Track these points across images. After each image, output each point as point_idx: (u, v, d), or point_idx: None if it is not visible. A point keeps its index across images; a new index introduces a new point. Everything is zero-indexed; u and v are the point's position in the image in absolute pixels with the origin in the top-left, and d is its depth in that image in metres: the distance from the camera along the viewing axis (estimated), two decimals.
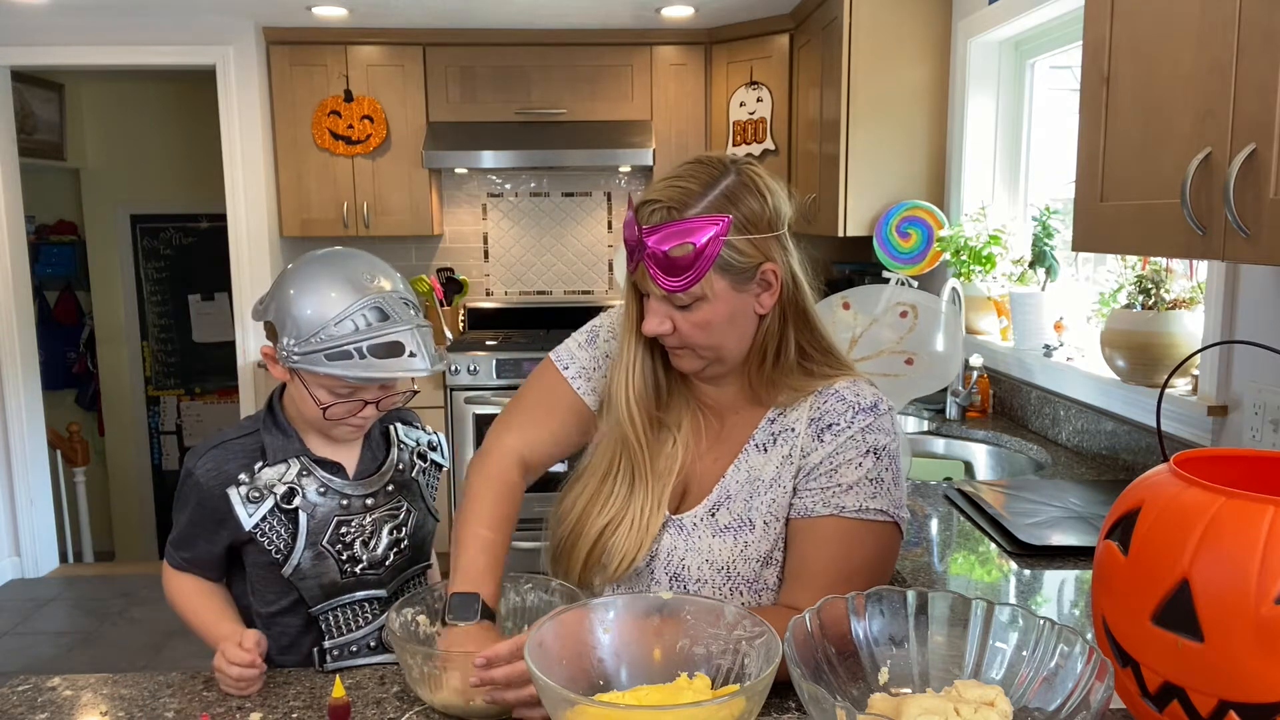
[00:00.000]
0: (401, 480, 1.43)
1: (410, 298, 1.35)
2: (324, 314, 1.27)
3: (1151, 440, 2.04)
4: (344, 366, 1.26)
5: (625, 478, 1.24)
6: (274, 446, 1.35)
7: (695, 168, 1.16)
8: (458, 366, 3.99)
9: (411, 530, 1.42)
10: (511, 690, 1.04)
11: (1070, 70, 2.84)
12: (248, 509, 1.31)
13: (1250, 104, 1.06)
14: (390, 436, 1.45)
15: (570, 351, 1.35)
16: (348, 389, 1.30)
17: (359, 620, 1.37)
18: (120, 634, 3.76)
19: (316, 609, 1.35)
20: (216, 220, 5.39)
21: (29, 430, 4.28)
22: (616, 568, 1.21)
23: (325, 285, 1.29)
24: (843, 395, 1.20)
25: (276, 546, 1.32)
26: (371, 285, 1.30)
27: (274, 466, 1.34)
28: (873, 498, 1.16)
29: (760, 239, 1.14)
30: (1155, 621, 0.83)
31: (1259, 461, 0.96)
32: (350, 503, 1.36)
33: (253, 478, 1.32)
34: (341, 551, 1.34)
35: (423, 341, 1.31)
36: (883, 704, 0.93)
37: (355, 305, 1.27)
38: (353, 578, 1.36)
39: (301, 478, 1.34)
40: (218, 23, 4.02)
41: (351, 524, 1.36)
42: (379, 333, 1.27)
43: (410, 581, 1.44)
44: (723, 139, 4.19)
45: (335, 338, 1.26)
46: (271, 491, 1.32)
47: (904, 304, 2.19)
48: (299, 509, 1.33)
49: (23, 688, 1.19)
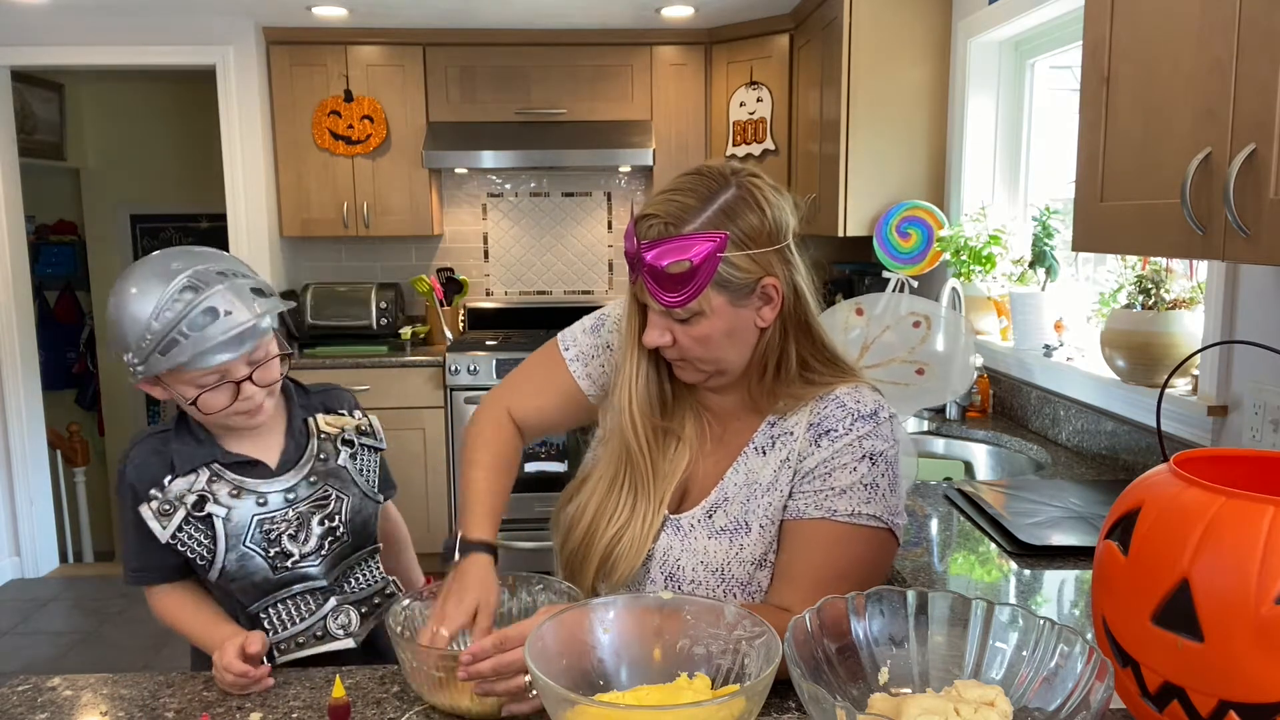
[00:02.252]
0: (325, 469, 1.42)
1: (225, 267, 1.31)
2: (140, 316, 1.25)
3: (1151, 440, 2.04)
4: (177, 354, 1.24)
5: (630, 488, 1.24)
6: (183, 455, 1.34)
7: (694, 180, 1.15)
8: (458, 366, 3.99)
9: (348, 516, 1.41)
10: (501, 682, 1.05)
11: (1070, 70, 2.84)
12: (161, 523, 1.31)
13: (1250, 104, 1.06)
14: (311, 426, 1.44)
15: (574, 335, 1.37)
16: (211, 375, 1.28)
17: (300, 613, 1.38)
18: (120, 634, 3.76)
19: (254, 607, 1.36)
20: (216, 220, 5.39)
21: (29, 430, 4.28)
22: (622, 574, 1.22)
23: (132, 290, 1.27)
24: (842, 401, 1.19)
25: (199, 554, 1.33)
26: (174, 268, 1.27)
27: (184, 477, 1.33)
28: (866, 503, 1.15)
29: (760, 254, 1.14)
30: (1155, 621, 0.83)
31: (1259, 461, 0.96)
32: (268, 500, 1.36)
33: (164, 491, 1.32)
34: (269, 548, 1.35)
35: (236, 297, 1.27)
36: (883, 704, 0.93)
37: (165, 294, 1.25)
38: (287, 571, 1.36)
39: (212, 484, 1.34)
40: (218, 23, 4.02)
41: (274, 520, 1.35)
42: (191, 308, 1.24)
43: (355, 568, 1.44)
44: (723, 139, 4.19)
45: (159, 332, 1.24)
46: (182, 503, 1.32)
47: (917, 314, 2.19)
48: (212, 515, 1.32)
49: (23, 688, 1.19)
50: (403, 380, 4.05)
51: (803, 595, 1.13)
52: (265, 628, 1.35)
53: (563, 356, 1.35)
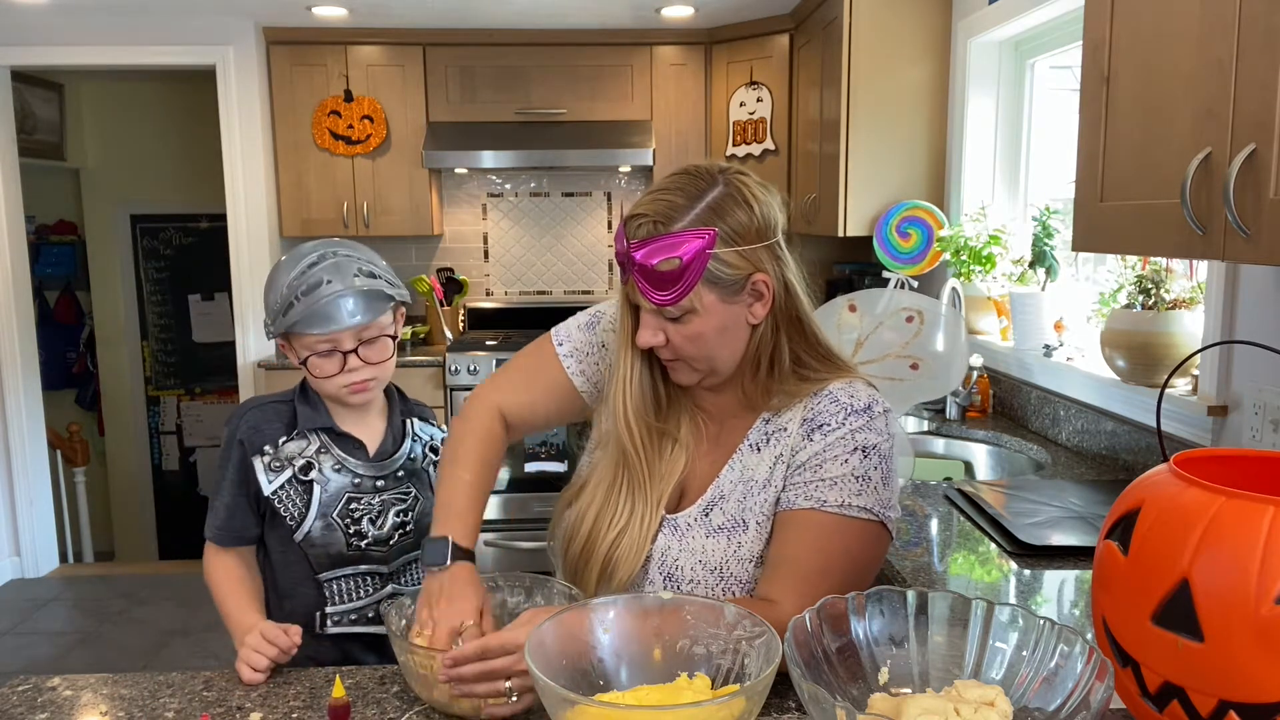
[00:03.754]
0: (412, 469, 1.53)
1: (353, 254, 1.46)
2: (277, 281, 1.43)
3: (1151, 440, 2.04)
4: (293, 315, 1.40)
5: (628, 490, 1.24)
6: (304, 415, 1.47)
7: (682, 179, 1.16)
8: (457, 366, 3.99)
9: (417, 516, 1.51)
10: (481, 684, 1.05)
11: (1070, 70, 2.84)
12: (268, 476, 1.43)
13: (1250, 104, 1.06)
14: (407, 428, 1.56)
15: (569, 330, 1.36)
16: (324, 343, 1.41)
17: (360, 591, 1.47)
18: (120, 634, 3.76)
19: (323, 575, 1.46)
20: (216, 220, 5.39)
21: (29, 430, 4.28)
22: (623, 577, 1.22)
23: (283, 266, 1.44)
24: (836, 397, 1.19)
25: (291, 514, 1.44)
26: (314, 249, 1.44)
27: (296, 441, 1.46)
28: (858, 495, 1.15)
29: (749, 250, 1.14)
30: (1155, 621, 0.83)
31: (1259, 461, 0.96)
32: (362, 481, 1.47)
33: (277, 449, 1.45)
34: (350, 525, 1.45)
35: (342, 274, 1.41)
36: (883, 704, 0.93)
37: (298, 267, 1.42)
38: (358, 551, 1.46)
39: (320, 454, 1.46)
40: (218, 23, 4.02)
41: (361, 501, 1.46)
42: (305, 278, 1.40)
43: (412, 565, 1.53)
44: (723, 139, 4.19)
45: (285, 296, 1.41)
46: (291, 463, 1.44)
47: (910, 309, 2.19)
48: (314, 481, 1.44)
49: (23, 688, 1.19)
50: (403, 380, 3.99)
51: (789, 586, 1.13)
52: (327, 595, 1.46)
53: (556, 352, 1.34)
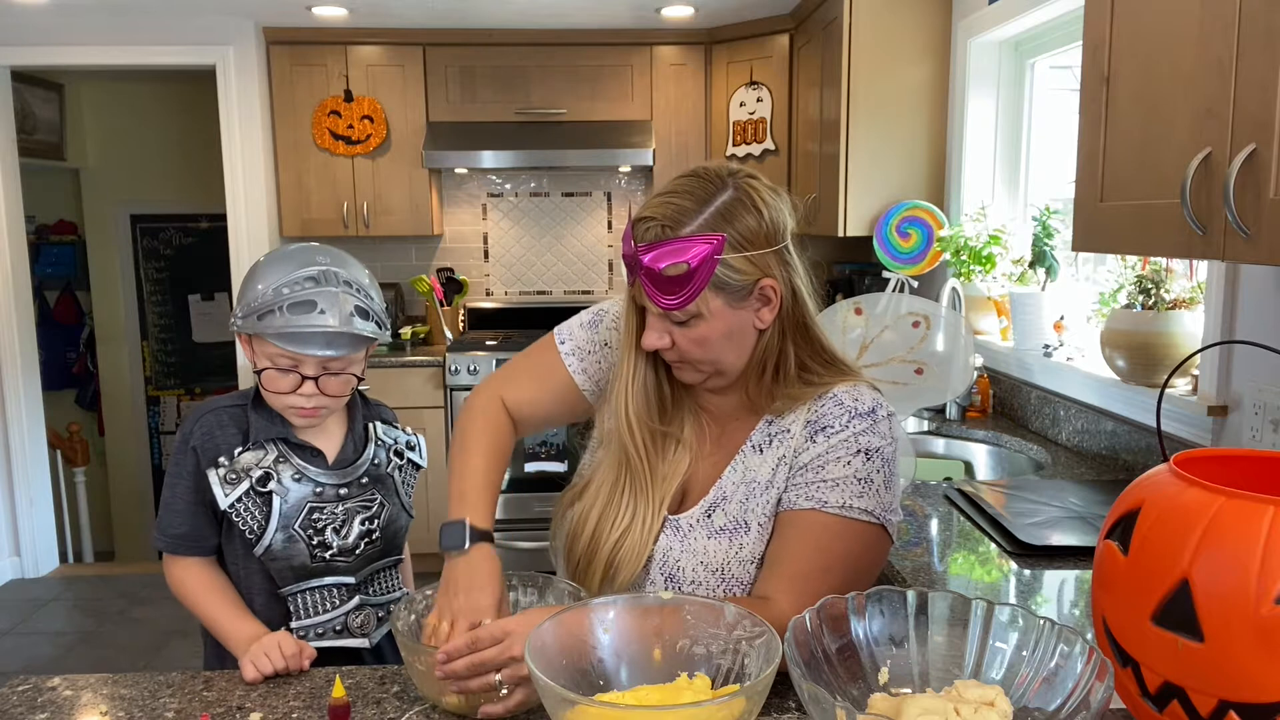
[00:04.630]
0: (377, 474, 1.48)
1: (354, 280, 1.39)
2: (265, 281, 1.36)
3: (1151, 440, 2.04)
4: (268, 322, 1.33)
5: (630, 491, 1.24)
6: (258, 426, 1.40)
7: (692, 182, 1.15)
8: (458, 366, 3.99)
9: (384, 523, 1.46)
10: (475, 680, 1.05)
11: (1070, 70, 2.84)
12: (224, 490, 1.36)
13: (1250, 104, 1.06)
14: (370, 432, 1.50)
15: (571, 329, 1.36)
16: (287, 360, 1.35)
17: (327, 604, 1.42)
18: (120, 634, 3.76)
19: (286, 590, 1.40)
20: (216, 220, 5.39)
21: (29, 430, 4.28)
22: (625, 579, 1.22)
23: (274, 263, 1.38)
24: (840, 399, 1.19)
25: (250, 527, 1.37)
26: (316, 259, 1.37)
27: (253, 451, 1.39)
28: (859, 497, 1.15)
29: (758, 255, 1.14)
30: (1155, 621, 0.83)
31: (1259, 461, 0.96)
32: (324, 490, 1.42)
33: (232, 460, 1.38)
34: (313, 536, 1.39)
35: (339, 307, 1.35)
36: (883, 704, 0.93)
37: (294, 273, 1.35)
38: (322, 563, 1.41)
39: (278, 464, 1.40)
40: (218, 23, 4.02)
41: (324, 511, 1.41)
42: (301, 293, 1.34)
43: (379, 573, 1.49)
44: (723, 139, 4.19)
45: (266, 297, 1.34)
46: (248, 475, 1.37)
47: (916, 314, 2.18)
48: (273, 493, 1.38)
49: (23, 688, 1.19)
50: (403, 380, 4.06)
51: (786, 585, 1.13)
52: (291, 611, 1.40)
53: (559, 350, 1.34)
